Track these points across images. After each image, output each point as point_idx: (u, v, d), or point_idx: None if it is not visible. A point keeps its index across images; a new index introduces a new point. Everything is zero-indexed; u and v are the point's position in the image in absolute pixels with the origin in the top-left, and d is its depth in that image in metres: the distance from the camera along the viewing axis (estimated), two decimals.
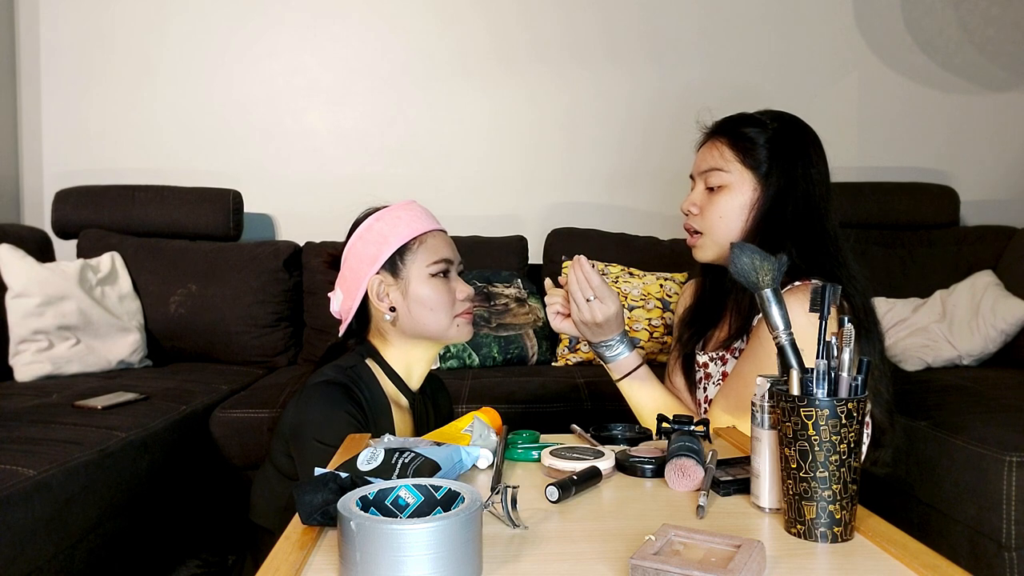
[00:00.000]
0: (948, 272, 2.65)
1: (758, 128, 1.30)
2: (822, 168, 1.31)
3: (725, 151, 1.31)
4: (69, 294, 2.32)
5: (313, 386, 1.22)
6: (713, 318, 1.39)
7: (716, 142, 1.33)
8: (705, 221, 1.32)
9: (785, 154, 1.28)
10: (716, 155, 1.31)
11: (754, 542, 0.67)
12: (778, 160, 1.28)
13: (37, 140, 2.93)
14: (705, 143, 1.35)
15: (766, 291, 0.84)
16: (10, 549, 1.33)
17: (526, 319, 2.57)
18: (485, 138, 3.01)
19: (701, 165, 1.34)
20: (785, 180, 1.28)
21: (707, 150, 1.34)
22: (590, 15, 2.99)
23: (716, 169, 1.30)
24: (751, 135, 1.30)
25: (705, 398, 1.36)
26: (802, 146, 1.30)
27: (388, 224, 1.28)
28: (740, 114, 1.35)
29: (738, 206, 1.29)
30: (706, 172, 1.32)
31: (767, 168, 1.28)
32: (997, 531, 1.61)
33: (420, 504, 0.71)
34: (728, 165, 1.30)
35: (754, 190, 1.29)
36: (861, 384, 0.75)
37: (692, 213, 1.34)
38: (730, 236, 1.29)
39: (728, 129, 1.33)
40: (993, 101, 3.08)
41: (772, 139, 1.29)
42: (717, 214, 1.30)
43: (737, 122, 1.33)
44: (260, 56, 2.95)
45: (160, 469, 1.86)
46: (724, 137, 1.32)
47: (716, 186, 1.31)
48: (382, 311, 1.28)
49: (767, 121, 1.31)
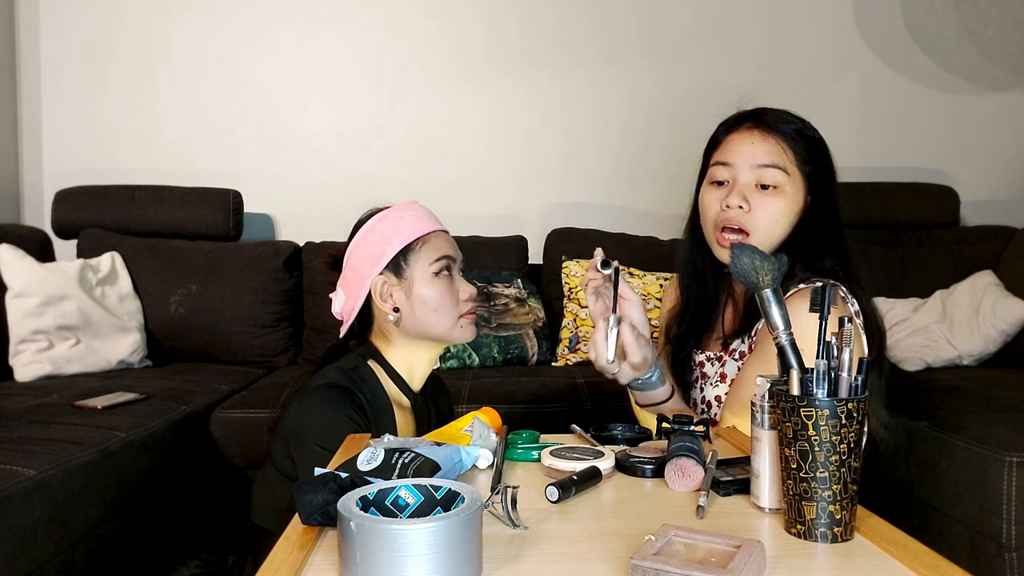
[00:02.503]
0: (948, 272, 2.64)
1: (807, 132, 1.25)
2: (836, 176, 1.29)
3: (787, 150, 1.23)
4: (69, 294, 2.32)
5: (315, 389, 1.22)
6: (708, 317, 1.36)
7: (773, 136, 1.23)
8: (755, 220, 1.22)
9: (824, 163, 1.26)
10: (779, 151, 1.22)
11: (754, 542, 0.67)
12: (822, 169, 1.25)
13: (37, 140, 2.93)
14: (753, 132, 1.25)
15: (766, 291, 0.84)
16: (10, 549, 1.33)
17: (526, 319, 2.56)
18: (485, 138, 3.01)
19: (758, 157, 1.22)
20: (823, 190, 1.25)
21: (764, 142, 1.23)
22: (590, 15, 2.99)
23: (777, 167, 1.22)
24: (804, 137, 1.24)
25: (702, 398, 1.34)
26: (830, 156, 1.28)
27: (391, 224, 1.28)
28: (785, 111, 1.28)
29: (790, 212, 1.23)
30: (766, 167, 1.22)
31: (815, 176, 1.25)
32: (997, 531, 1.61)
33: (420, 504, 0.71)
34: (790, 167, 1.23)
35: (805, 196, 1.24)
36: (861, 384, 0.75)
37: (742, 208, 1.22)
38: (775, 240, 1.23)
39: (783, 124, 1.24)
40: (993, 101, 3.08)
41: (817, 145, 1.26)
42: (773, 217, 1.21)
43: (788, 120, 1.26)
44: (260, 56, 2.95)
45: (160, 469, 1.86)
46: (778, 134, 1.23)
47: (772, 184, 1.22)
48: (385, 312, 1.28)
49: (810, 125, 1.27)
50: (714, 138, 1.32)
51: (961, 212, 2.88)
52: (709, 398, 1.32)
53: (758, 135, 1.24)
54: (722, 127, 1.31)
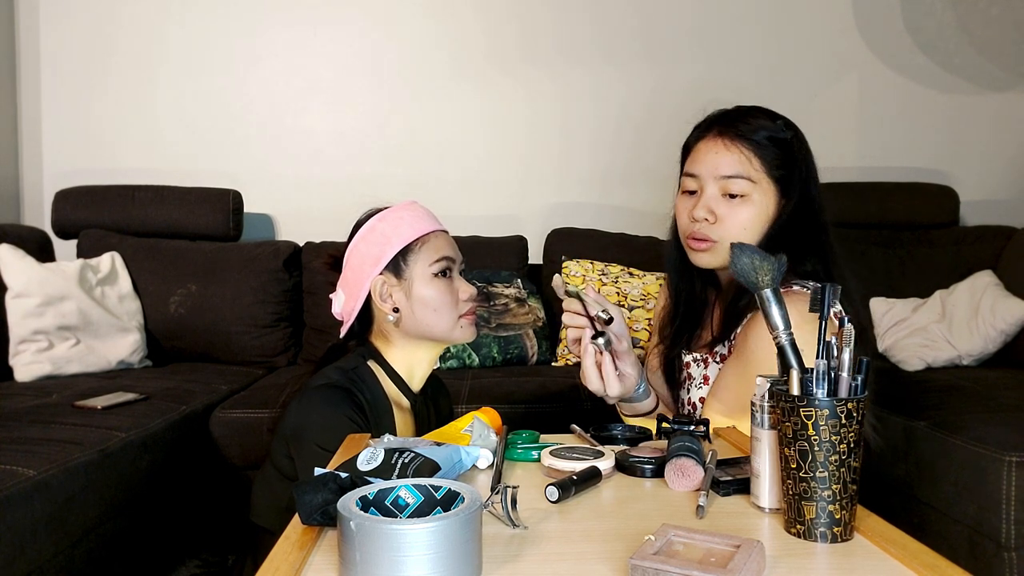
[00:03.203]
0: (948, 272, 2.65)
1: (779, 135, 1.23)
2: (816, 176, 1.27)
3: (753, 159, 1.22)
4: (69, 294, 2.32)
5: (315, 389, 1.22)
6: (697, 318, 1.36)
7: (738, 145, 1.23)
8: (724, 230, 1.23)
9: (799, 165, 1.24)
10: (744, 162, 1.22)
11: (754, 542, 0.67)
12: (796, 172, 1.24)
13: (37, 140, 2.93)
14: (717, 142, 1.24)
15: (766, 291, 0.84)
16: (10, 549, 1.33)
17: (526, 319, 2.56)
18: (485, 138, 3.01)
19: (721, 168, 1.23)
20: (799, 193, 1.23)
21: (728, 153, 1.23)
22: (589, 15, 2.99)
23: (742, 177, 1.22)
24: (776, 143, 1.23)
25: (688, 399, 1.34)
26: (808, 155, 1.26)
27: (390, 224, 1.28)
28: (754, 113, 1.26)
29: (761, 218, 1.23)
30: (730, 178, 1.22)
31: (787, 180, 1.23)
32: (996, 531, 1.61)
33: (420, 504, 0.71)
34: (756, 175, 1.22)
35: (777, 202, 1.24)
36: (861, 384, 0.75)
37: (708, 221, 1.24)
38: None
39: (748, 132, 1.23)
40: (993, 101, 3.08)
41: (790, 148, 1.23)
42: (741, 225, 1.22)
43: (757, 126, 1.24)
44: (260, 56, 2.95)
45: (160, 469, 1.86)
46: (744, 141, 1.22)
47: (739, 194, 1.22)
48: (385, 312, 1.28)
49: (782, 127, 1.24)
50: (686, 144, 1.33)
51: (961, 212, 2.88)
52: (694, 399, 1.32)
53: (722, 145, 1.24)
54: (694, 132, 1.31)
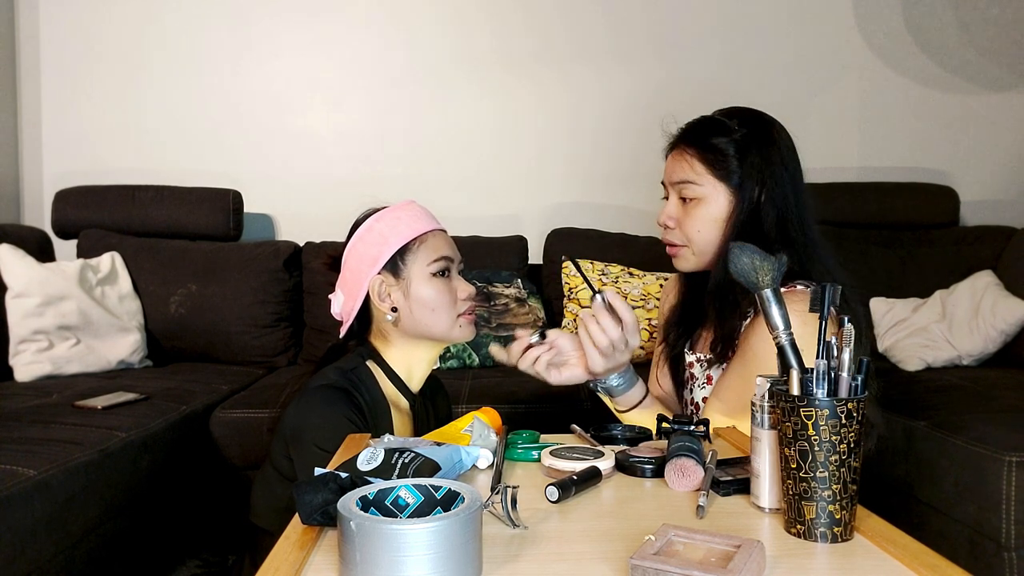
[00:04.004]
0: (948, 272, 2.64)
1: (725, 136, 1.27)
2: (793, 168, 1.28)
3: (695, 163, 1.28)
4: (69, 294, 2.32)
5: (314, 390, 1.22)
6: (700, 317, 1.37)
7: (685, 152, 1.29)
8: (683, 234, 1.30)
9: (755, 162, 1.25)
10: (687, 167, 1.28)
11: (754, 542, 0.67)
12: (749, 168, 1.25)
13: (37, 140, 2.93)
14: (673, 151, 1.32)
15: (766, 291, 0.84)
16: (10, 549, 1.33)
17: (526, 319, 2.56)
18: (485, 138, 3.01)
19: (672, 176, 1.31)
20: (759, 188, 1.25)
21: (676, 160, 1.30)
22: (591, 15, 2.99)
23: (688, 182, 1.28)
24: (720, 145, 1.26)
25: (691, 399, 1.35)
26: (771, 149, 1.27)
27: (388, 224, 1.28)
28: (705, 119, 1.31)
29: (716, 218, 1.26)
30: (679, 184, 1.29)
31: (739, 178, 1.26)
32: (996, 531, 1.61)
33: (420, 504, 0.71)
34: (700, 178, 1.27)
35: (729, 202, 1.26)
36: (861, 384, 0.75)
37: (669, 227, 1.31)
38: (712, 247, 1.28)
39: (695, 138, 1.29)
40: (993, 101, 3.08)
41: (741, 147, 1.26)
42: (695, 228, 1.28)
43: (704, 130, 1.29)
44: (260, 56, 2.95)
45: (160, 469, 1.86)
46: (692, 147, 1.28)
47: (691, 198, 1.28)
48: (384, 312, 1.28)
49: (734, 127, 1.27)
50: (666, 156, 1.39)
51: (961, 212, 2.88)
52: (697, 399, 1.33)
53: (676, 153, 1.31)
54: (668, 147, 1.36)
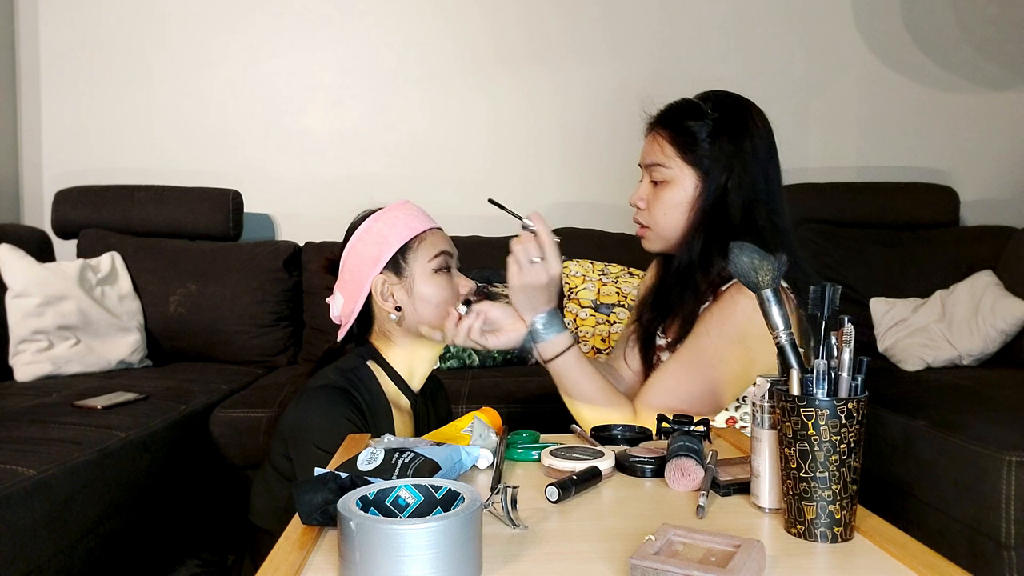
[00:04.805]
0: (948, 272, 2.64)
1: (699, 120, 1.27)
2: (765, 156, 1.27)
3: (666, 146, 1.28)
4: (69, 294, 2.32)
5: (314, 390, 1.21)
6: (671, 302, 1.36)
7: (658, 135, 1.30)
8: (651, 216, 1.31)
9: (725, 147, 1.25)
10: (657, 149, 1.29)
11: (754, 542, 0.67)
12: (719, 154, 1.25)
13: (37, 140, 2.93)
14: (648, 133, 1.32)
15: (766, 291, 0.84)
16: (10, 549, 1.33)
17: None
18: (485, 138, 3.01)
19: (645, 158, 1.32)
20: (726, 175, 1.25)
21: (650, 142, 1.31)
22: (590, 13, 2.99)
23: (658, 164, 1.28)
24: (692, 128, 1.26)
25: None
26: (743, 136, 1.26)
27: (387, 224, 1.28)
28: (682, 102, 1.32)
29: (682, 202, 1.27)
30: (650, 166, 1.30)
31: (708, 163, 1.26)
32: (996, 530, 1.61)
33: (420, 504, 0.71)
34: (669, 161, 1.28)
35: (695, 187, 1.26)
36: (861, 384, 0.75)
37: (640, 208, 1.32)
38: (675, 231, 1.29)
39: (669, 121, 1.29)
40: (993, 101, 3.08)
41: (713, 132, 1.26)
42: (661, 211, 1.29)
43: (678, 113, 1.29)
44: (260, 56, 2.95)
45: (160, 469, 1.86)
46: (665, 130, 1.29)
47: (660, 180, 1.29)
48: (387, 311, 1.28)
49: (708, 110, 1.27)
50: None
51: (961, 212, 2.88)
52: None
53: (650, 137, 1.32)
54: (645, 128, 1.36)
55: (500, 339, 1.22)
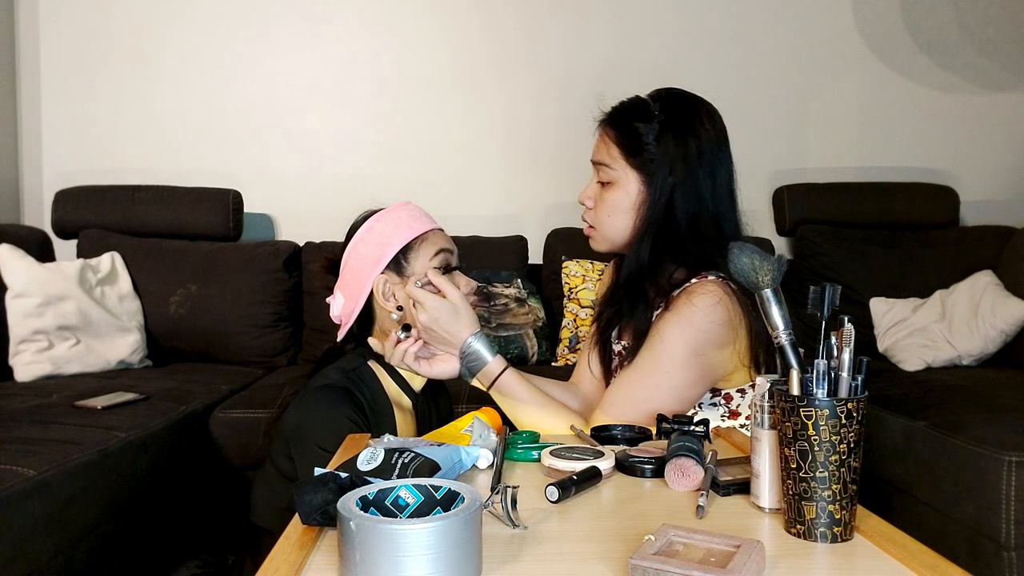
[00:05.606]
0: (948, 272, 2.64)
1: (646, 122, 1.23)
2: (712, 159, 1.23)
3: (612, 147, 1.25)
4: (69, 294, 2.32)
5: (315, 389, 1.21)
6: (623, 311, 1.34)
7: (606, 134, 1.27)
8: (596, 216, 1.28)
9: (669, 149, 1.22)
10: (604, 149, 1.26)
11: (754, 542, 0.67)
12: (663, 157, 1.22)
13: (37, 140, 2.93)
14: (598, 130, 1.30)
15: (766, 291, 0.84)
16: (10, 549, 1.33)
17: (526, 319, 2.56)
18: (485, 138, 3.01)
19: (593, 155, 1.29)
20: (671, 179, 1.22)
21: (598, 141, 1.29)
22: (589, 14, 2.99)
23: (604, 164, 1.26)
24: (639, 130, 1.23)
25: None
26: (690, 138, 1.22)
27: (389, 225, 1.28)
28: (633, 101, 1.28)
29: (626, 205, 1.25)
30: (596, 165, 1.28)
31: (652, 167, 1.22)
32: (996, 531, 1.61)
33: (420, 504, 0.71)
34: (614, 162, 1.25)
35: (639, 191, 1.24)
36: (861, 384, 0.75)
37: (588, 207, 1.30)
38: (620, 234, 1.27)
39: (617, 120, 1.26)
40: (993, 101, 3.08)
41: (660, 134, 1.22)
42: (606, 212, 1.27)
43: (627, 113, 1.26)
44: (260, 56, 2.95)
45: (160, 469, 1.86)
46: (612, 129, 1.26)
47: (606, 181, 1.26)
48: (389, 311, 1.28)
49: (656, 111, 1.23)
50: None
51: (961, 212, 2.88)
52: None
53: (598, 136, 1.30)
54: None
55: (433, 367, 1.24)
